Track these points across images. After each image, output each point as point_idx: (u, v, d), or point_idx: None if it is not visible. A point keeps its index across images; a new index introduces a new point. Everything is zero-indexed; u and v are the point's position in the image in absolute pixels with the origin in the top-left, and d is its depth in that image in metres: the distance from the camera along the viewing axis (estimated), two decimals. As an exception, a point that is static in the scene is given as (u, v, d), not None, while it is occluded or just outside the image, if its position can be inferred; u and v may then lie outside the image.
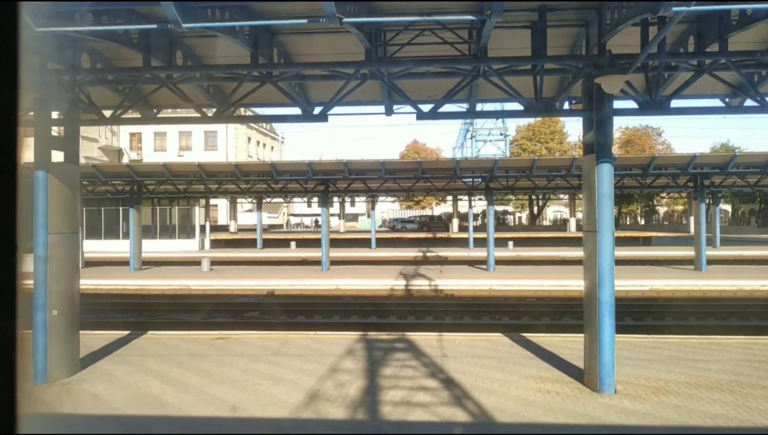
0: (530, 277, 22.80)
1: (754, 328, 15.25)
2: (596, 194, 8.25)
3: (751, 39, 9.10)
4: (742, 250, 34.97)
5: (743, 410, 7.43)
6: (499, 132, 75.25)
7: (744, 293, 20.24)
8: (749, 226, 63.55)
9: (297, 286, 22.28)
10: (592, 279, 8.33)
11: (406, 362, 10.01)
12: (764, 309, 17.68)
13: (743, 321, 16.49)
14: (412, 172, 29.33)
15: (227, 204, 58.84)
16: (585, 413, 7.32)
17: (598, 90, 8.23)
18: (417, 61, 9.12)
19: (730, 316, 17.16)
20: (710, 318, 16.90)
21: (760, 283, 20.92)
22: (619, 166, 27.61)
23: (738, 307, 17.98)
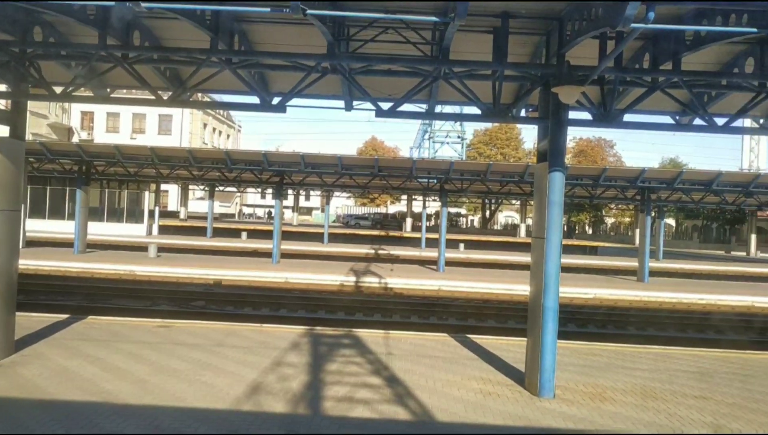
0: (479, 279, 23.07)
1: (691, 339, 15.77)
2: (547, 202, 8.40)
3: (703, 60, 9.39)
4: (684, 264, 36.12)
5: (675, 419, 7.67)
6: (456, 135, 75.94)
7: (683, 306, 20.90)
8: (691, 241, 65.72)
9: (246, 277, 22.03)
10: (538, 284, 8.47)
11: (351, 358, 10.01)
12: (701, 321, 18.29)
13: (681, 332, 17.04)
14: (369, 169, 29.33)
15: (179, 190, 57.77)
16: (523, 416, 7.44)
17: (555, 99, 8.37)
18: (379, 59, 9.11)
19: (668, 327, 17.70)
20: (650, 328, 17.40)
21: (699, 296, 21.65)
22: (571, 175, 28.18)
23: (676, 319, 18.55)
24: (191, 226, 46.40)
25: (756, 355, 12.26)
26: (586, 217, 75.37)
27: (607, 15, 6.52)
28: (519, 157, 68.62)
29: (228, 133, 78.52)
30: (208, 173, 33.38)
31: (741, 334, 17.14)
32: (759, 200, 33.92)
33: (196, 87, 10.41)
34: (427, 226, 41.64)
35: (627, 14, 5.92)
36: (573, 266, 31.18)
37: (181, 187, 55.49)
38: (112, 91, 11.36)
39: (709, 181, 27.72)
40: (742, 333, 17.35)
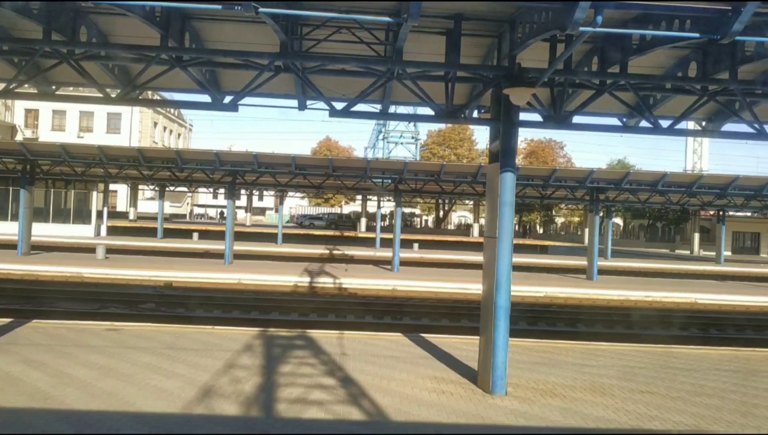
0: (433, 279, 23.23)
1: (637, 336, 16.18)
2: (498, 202, 8.50)
3: (649, 64, 9.65)
4: (631, 263, 37.11)
5: (622, 413, 7.86)
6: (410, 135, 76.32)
7: (630, 303, 21.47)
8: (638, 240, 67.57)
9: (197, 278, 21.68)
10: (491, 283, 8.57)
11: (304, 360, 9.95)
12: (647, 319, 18.81)
13: (628, 329, 17.48)
14: (323, 169, 29.24)
15: (128, 190, 56.45)
16: (476, 414, 7.52)
17: (506, 101, 8.48)
18: (333, 58, 9.09)
19: (616, 324, 18.15)
20: (598, 325, 17.79)
21: (645, 293, 22.27)
22: (522, 176, 28.64)
23: (623, 316, 19.05)
24: (141, 226, 45.44)
25: (697, 350, 12.67)
26: (537, 216, 76.71)
27: (557, 18, 6.64)
28: (472, 158, 69.40)
29: (179, 132, 77.14)
30: (158, 173, 32.74)
31: (685, 330, 17.69)
32: (702, 200, 35.10)
33: (146, 85, 10.18)
34: (381, 226, 41.77)
35: (576, 18, 6.04)
36: (525, 265, 31.67)
37: (131, 187, 54.27)
38: (57, 89, 11.03)
39: (654, 182, 28.56)
40: (685, 329, 17.91)
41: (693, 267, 36.80)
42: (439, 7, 8.04)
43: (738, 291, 24.63)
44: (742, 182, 28.38)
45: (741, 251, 58.76)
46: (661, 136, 13.18)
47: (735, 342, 15.28)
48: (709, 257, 47.05)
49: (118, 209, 58.96)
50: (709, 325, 18.44)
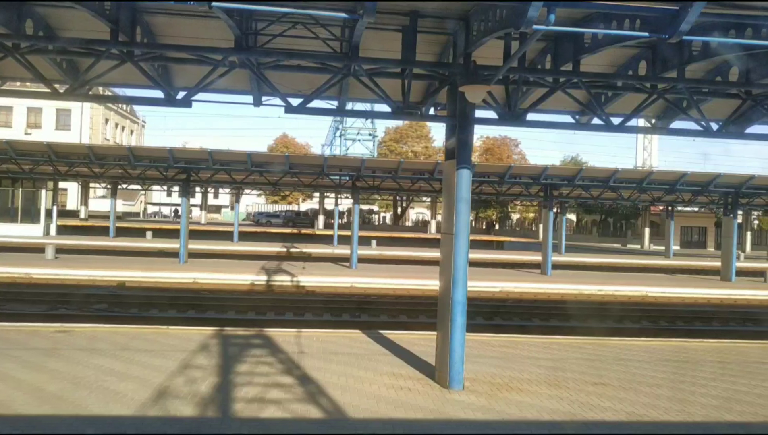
0: (391, 275, 23.28)
1: (590, 328, 16.52)
2: (455, 198, 8.56)
3: (601, 62, 9.85)
4: (584, 257, 37.87)
5: (576, 405, 8.02)
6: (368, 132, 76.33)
7: (583, 297, 21.90)
8: (591, 235, 69.03)
9: (151, 277, 21.27)
10: (447, 279, 8.63)
11: (262, 359, 9.86)
12: (594, 311, 19.23)
13: (581, 323, 17.83)
14: (280, 166, 29.01)
15: (78, 188, 54.98)
16: (434, 409, 7.57)
17: (462, 98, 8.54)
18: (288, 54, 9.00)
19: (570, 317, 18.50)
20: (553, 319, 18.12)
21: (598, 287, 22.75)
22: (478, 172, 28.94)
23: (577, 310, 19.42)
24: (93, 225, 44.34)
25: (648, 342, 13.02)
26: (493, 213, 77.57)
27: (511, 16, 6.71)
28: (429, 155, 69.73)
29: (132, 128, 75.45)
30: (110, 170, 32.02)
31: (636, 323, 18.16)
32: (652, 196, 36.01)
33: (96, 80, 9.91)
34: (339, 223, 41.69)
35: (529, 16, 6.11)
36: (481, 261, 32.00)
37: (82, 185, 52.86)
38: (3, 84, 10.66)
39: (606, 178, 29.18)
40: (636, 321, 18.38)
41: (643, 261, 37.77)
42: (395, 4, 8.05)
43: (686, 284, 25.39)
44: (690, 178, 29.22)
45: (689, 245, 60.59)
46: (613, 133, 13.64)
47: (684, 334, 15.74)
48: (659, 251, 48.38)
49: (68, 208, 57.40)
50: (659, 318, 18.97)
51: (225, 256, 31.54)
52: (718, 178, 28.81)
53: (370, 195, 51.22)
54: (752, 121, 11.32)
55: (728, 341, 13.58)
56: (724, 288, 24.65)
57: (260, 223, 61.97)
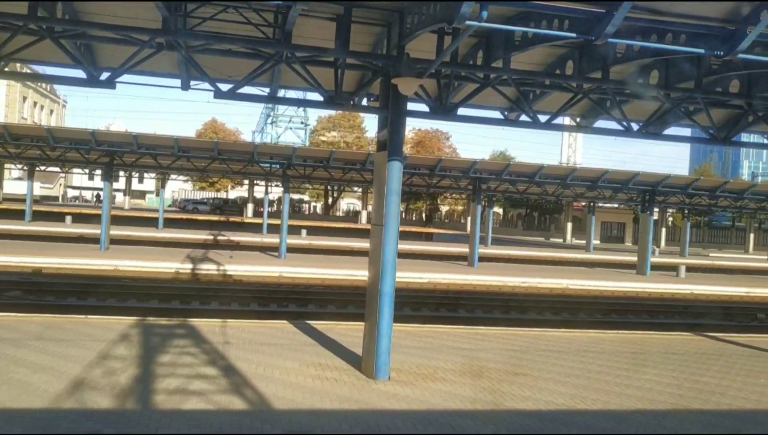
0: (320, 265, 23.20)
1: (514, 320, 16.96)
2: (386, 190, 8.59)
3: (530, 61, 10.06)
4: (510, 250, 38.80)
5: (498, 395, 8.22)
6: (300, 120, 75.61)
7: (507, 289, 22.46)
8: (516, 229, 70.84)
9: (70, 264, 20.41)
10: (376, 270, 8.66)
11: (185, 349, 9.64)
12: (521, 303, 19.77)
13: (505, 314, 18.29)
14: (208, 152, 28.38)
15: (-8, 169, 52.06)
16: (359, 399, 7.60)
17: (395, 90, 8.56)
18: (219, 38, 8.79)
19: (494, 308, 18.93)
20: (477, 310, 18.50)
21: (522, 280, 23.37)
22: (409, 165, 29.15)
23: (502, 301, 19.90)
24: (7, 208, 42.16)
25: (568, 333, 13.48)
26: (423, 205, 78.42)
27: (444, 11, 6.76)
28: (361, 145, 69.75)
29: (52, 108, 72.15)
30: (26, 151, 30.49)
31: (557, 314, 18.77)
32: (575, 192, 37.26)
33: (12, 56, 9.38)
34: (269, 211, 41.18)
35: (462, 12, 6.17)
36: (410, 252, 32.35)
37: (-5, 166, 50.10)
38: None
39: (532, 174, 29.99)
40: (557, 313, 19.00)
41: (565, 255, 39.05)
42: (329, -8, 7.97)
43: (605, 277, 26.41)
44: (611, 176, 30.40)
45: (609, 240, 63.05)
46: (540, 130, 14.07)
47: (601, 325, 16.37)
48: (580, 245, 50.11)
49: (-21, 189, 54.31)
50: (579, 310, 19.67)
51: (149, 243, 30.62)
52: (637, 176, 30.10)
53: (301, 184, 50.79)
54: (670, 123, 11.85)
55: (641, 333, 14.23)
56: (640, 281, 25.79)
57: (187, 209, 60.53)
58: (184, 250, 27.15)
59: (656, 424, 7.41)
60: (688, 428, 7.31)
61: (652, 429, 7.21)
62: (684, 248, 47.55)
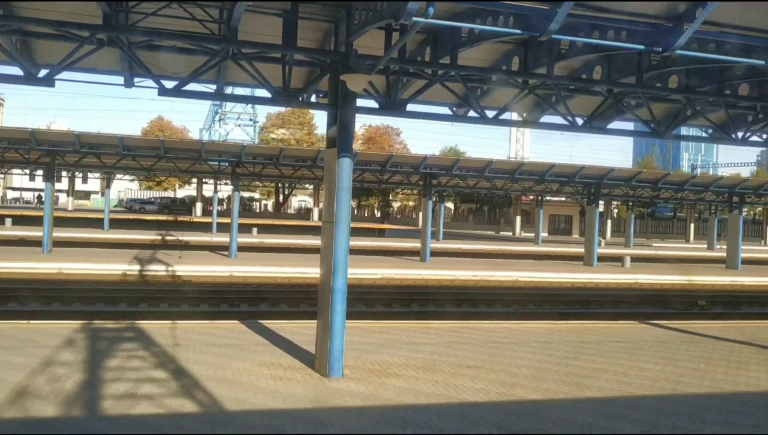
0: (272, 264, 23.01)
1: (465, 313, 17.17)
2: (336, 187, 8.56)
3: (477, 57, 10.18)
4: (461, 244, 39.24)
5: (451, 388, 8.30)
6: (248, 117, 74.69)
7: (459, 282, 22.71)
8: (467, 223, 71.65)
9: (10, 268, 19.69)
10: (328, 267, 8.63)
11: (134, 352, 9.42)
12: (472, 296, 20.04)
13: (457, 308, 18.48)
14: (155, 151, 27.75)
15: (-77, 170, 49.79)
16: (313, 398, 7.57)
17: (343, 87, 8.53)
18: (162, 34, 8.60)
19: (446, 302, 19.11)
20: (430, 305, 18.65)
21: (473, 273, 23.67)
22: (360, 161, 29.13)
23: (453, 295, 20.11)
24: (-60, 211, 40.43)
25: (519, 324, 13.71)
26: (375, 201, 78.55)
27: (391, 7, 6.77)
28: (312, 142, 69.37)
29: (-13, 106, 69.37)
30: (-40, 152, 29.20)
31: (507, 307, 19.06)
32: (523, 186, 37.88)
33: (-59, 52, 8.99)
34: (219, 210, 40.60)
35: (409, 8, 6.20)
36: (363, 248, 32.35)
37: (-74, 167, 47.94)
38: None
39: (482, 169, 30.34)
40: (508, 305, 19.30)
41: (515, 248, 39.70)
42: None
43: (553, 269, 26.96)
44: (558, 170, 31.00)
45: (556, 233, 64.39)
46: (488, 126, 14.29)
47: (551, 316, 16.72)
48: (529, 238, 51.04)
49: None
50: (528, 301, 20.03)
51: (94, 244, 29.82)
52: (582, 170, 30.78)
53: (251, 182, 50.14)
54: (613, 118, 12.16)
55: (589, 322, 14.58)
56: (587, 272, 26.43)
57: (133, 210, 59.20)
58: (131, 251, 26.54)
59: (603, 411, 7.60)
60: (633, 414, 7.53)
61: (598, 415, 7.40)
62: (629, 239, 49.00)
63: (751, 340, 12.59)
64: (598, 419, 7.26)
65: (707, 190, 34.47)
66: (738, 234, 32.36)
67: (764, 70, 8.82)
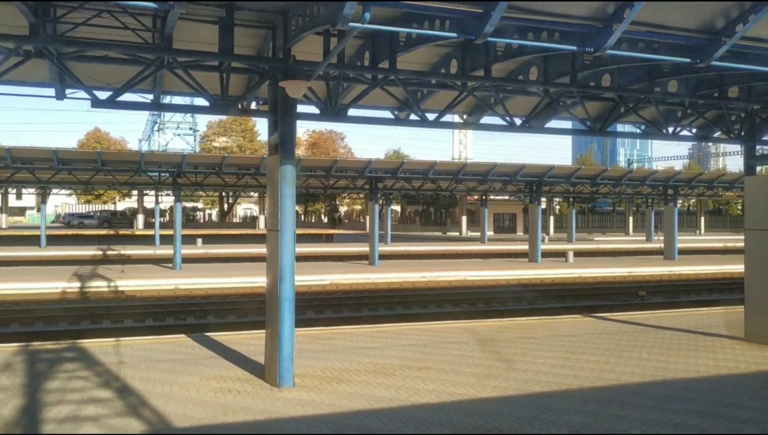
0: (218, 274, 22.65)
1: (417, 315, 17.26)
2: (279, 194, 8.49)
3: (417, 61, 10.26)
4: (409, 247, 39.46)
5: (403, 391, 8.33)
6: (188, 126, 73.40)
7: (408, 284, 22.81)
8: (414, 225, 72.07)
9: (-60, 292, 18.79)
10: (274, 276, 8.55)
11: (76, 373, 9.11)
12: (422, 298, 20.17)
13: (407, 309, 18.58)
14: (91, 164, 26.95)
15: None
16: (264, 409, 7.47)
17: (283, 93, 8.47)
18: (94, 44, 8.35)
19: (396, 305, 19.20)
20: (380, 308, 18.68)
21: (421, 275, 23.81)
22: (305, 167, 29.00)
23: (403, 297, 20.21)
24: None
25: (466, 323, 13.85)
26: (321, 206, 78.24)
27: (328, 13, 6.76)
28: (255, 149, 68.65)
29: None
30: None
31: (456, 306, 19.27)
32: (467, 186, 38.34)
33: None
34: (161, 222, 39.70)
35: (345, 13, 6.20)
36: (311, 254, 32.22)
37: None
38: None
39: (426, 170, 30.59)
40: (457, 305, 19.51)
41: (462, 247, 40.19)
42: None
43: (500, 267, 27.40)
44: (500, 169, 31.51)
45: (501, 231, 65.41)
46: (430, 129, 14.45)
47: (500, 314, 16.97)
48: (475, 238, 51.70)
49: None
50: (477, 300, 20.30)
51: (31, 262, 28.72)
52: (523, 168, 31.39)
53: (193, 191, 49.26)
54: (550, 117, 12.42)
55: (536, 318, 14.86)
56: (532, 269, 26.96)
57: (72, 224, 57.44)
58: (70, 267, 25.68)
59: (551, 405, 7.75)
60: (578, 406, 7.70)
61: (546, 409, 7.54)
62: (571, 234, 50.23)
63: (690, 328, 13.06)
64: (543, 413, 7.39)
65: (643, 184, 35.59)
66: (674, 225, 33.56)
67: (689, 68, 9.16)
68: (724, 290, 23.05)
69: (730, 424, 7.09)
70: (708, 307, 16.68)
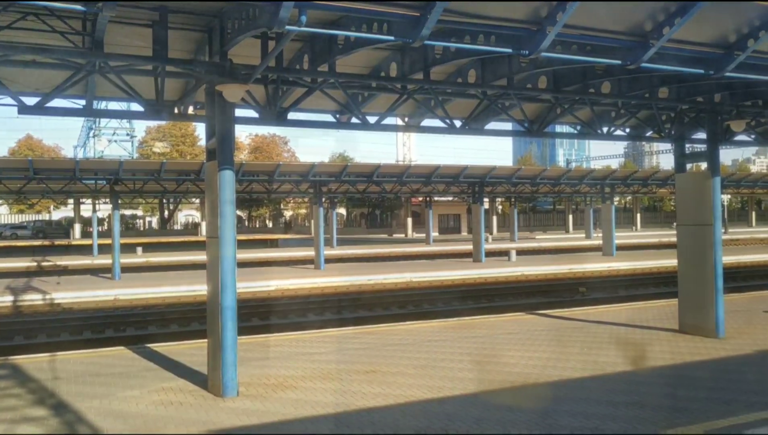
0: (159, 283, 22.10)
1: (363, 318, 17.25)
2: (219, 200, 8.33)
3: (357, 64, 10.24)
4: (355, 250, 39.43)
5: (349, 395, 8.29)
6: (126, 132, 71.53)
7: (355, 288, 22.77)
8: (360, 228, 72.14)
9: None
10: (215, 285, 8.38)
11: (8, 391, 8.72)
12: (368, 301, 20.17)
13: (353, 313, 18.54)
14: (23, 172, 25.92)
15: None
16: (207, 420, 7.30)
17: (220, 97, 8.33)
18: (19, 48, 8.03)
19: (343, 309, 19.12)
20: (327, 312, 18.58)
21: (368, 277, 23.81)
22: (247, 171, 28.66)
23: (349, 301, 20.15)
24: None
25: (412, 325, 13.91)
26: (266, 211, 77.40)
27: (263, 16, 6.69)
28: (195, 154, 67.32)
29: None
30: None
31: (403, 308, 19.35)
32: (411, 188, 38.60)
33: None
34: (100, 230, 38.55)
35: (281, 16, 6.14)
36: (255, 260, 31.84)
37: None
38: None
39: (370, 173, 30.63)
40: (403, 307, 19.59)
41: (408, 249, 40.40)
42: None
43: (445, 268, 27.66)
44: (443, 171, 31.81)
45: (446, 232, 66.09)
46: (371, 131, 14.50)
47: (445, 314, 17.10)
48: (421, 239, 52.06)
49: None
50: (422, 301, 20.43)
51: (-42, 277, 27.42)
52: (466, 170, 31.77)
53: (132, 199, 47.99)
54: (490, 119, 12.60)
55: (480, 317, 15.04)
56: (477, 268, 27.30)
57: (3, 236, 55.15)
58: (2, 280, 24.62)
59: (497, 403, 7.85)
60: (524, 404, 7.83)
61: (492, 408, 7.63)
62: (513, 233, 51.11)
63: (628, 322, 13.45)
64: (493, 412, 7.49)
65: (581, 182, 36.52)
66: (611, 223, 34.55)
67: (621, 69, 9.43)
68: (659, 284, 23.85)
69: (666, 414, 7.34)
70: (644, 301, 17.21)
